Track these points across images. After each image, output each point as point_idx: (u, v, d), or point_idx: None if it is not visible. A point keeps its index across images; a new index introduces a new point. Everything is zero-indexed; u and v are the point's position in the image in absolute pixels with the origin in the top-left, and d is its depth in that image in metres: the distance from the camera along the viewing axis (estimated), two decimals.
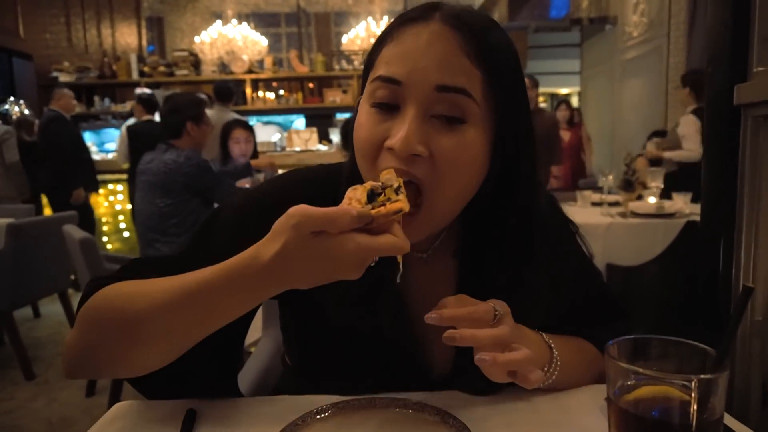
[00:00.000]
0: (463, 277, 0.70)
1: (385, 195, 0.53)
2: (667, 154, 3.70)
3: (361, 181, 0.65)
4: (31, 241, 2.82)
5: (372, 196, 0.53)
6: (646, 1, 5.58)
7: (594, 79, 7.30)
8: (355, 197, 0.53)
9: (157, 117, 4.53)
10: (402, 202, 0.52)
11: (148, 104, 4.64)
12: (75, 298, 3.29)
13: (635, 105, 6.05)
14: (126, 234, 5.05)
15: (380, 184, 0.55)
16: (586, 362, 0.71)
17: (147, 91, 5.19)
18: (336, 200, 0.63)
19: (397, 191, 0.54)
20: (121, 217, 5.04)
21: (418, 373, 0.70)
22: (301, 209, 0.48)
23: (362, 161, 0.62)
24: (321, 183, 0.70)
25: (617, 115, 6.46)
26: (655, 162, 3.70)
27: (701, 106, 3.66)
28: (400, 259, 0.55)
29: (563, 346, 0.67)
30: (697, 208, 2.72)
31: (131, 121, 4.89)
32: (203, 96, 5.05)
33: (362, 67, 0.67)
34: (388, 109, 0.59)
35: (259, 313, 1.22)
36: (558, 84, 10.05)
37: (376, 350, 0.69)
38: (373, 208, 0.51)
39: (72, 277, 3.36)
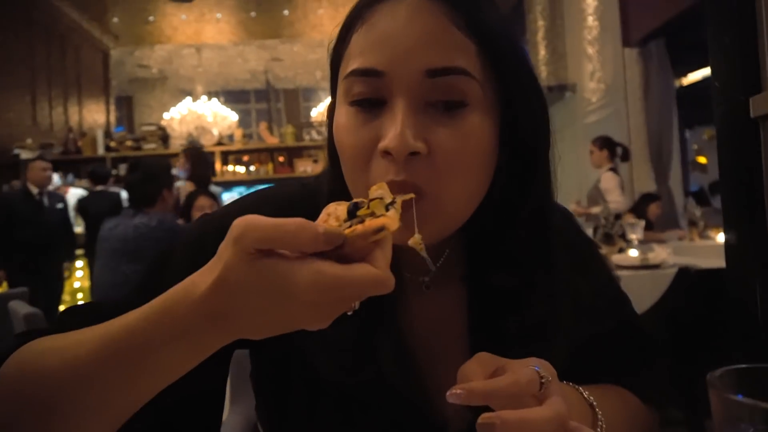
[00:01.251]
0: (475, 306, 0.57)
1: (368, 209, 0.40)
2: (594, 210, 3.90)
3: (346, 198, 0.54)
4: None
5: (355, 211, 0.40)
6: (602, 68, 5.88)
7: (559, 144, 7.50)
8: (335, 213, 0.41)
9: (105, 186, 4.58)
10: (389, 219, 0.39)
11: (99, 176, 4.67)
12: None
13: None
14: None
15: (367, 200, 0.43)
16: (631, 419, 0.58)
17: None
18: None
19: (387, 207, 0.41)
20: (80, 296, 4.74)
21: (428, 430, 0.55)
22: (245, 219, 0.36)
23: (351, 171, 0.50)
24: (298, 202, 0.57)
25: (584, 177, 6.61)
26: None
27: (614, 167, 4.34)
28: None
29: (605, 402, 0.54)
30: (679, 259, 2.68)
31: (80, 192, 4.80)
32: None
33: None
34: (372, 105, 0.49)
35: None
36: None
37: (373, 405, 0.54)
38: (351, 226, 0.38)
39: None
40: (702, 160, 7.78)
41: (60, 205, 4.35)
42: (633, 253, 2.70)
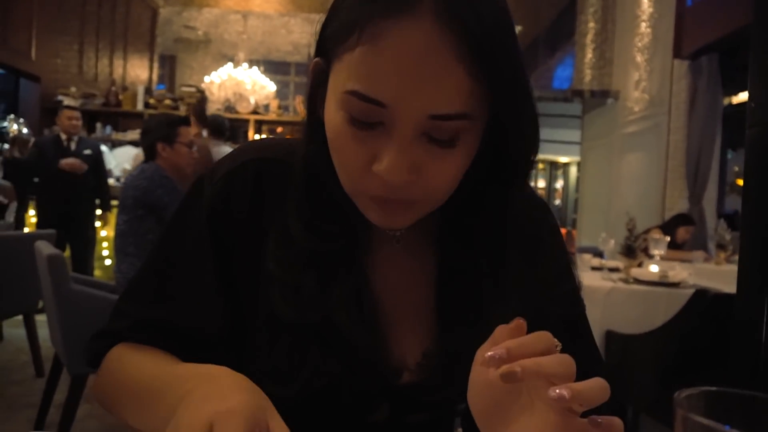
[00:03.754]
0: (445, 267, 0.60)
1: None
2: None
3: (328, 176, 0.55)
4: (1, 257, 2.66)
5: None
6: (648, 78, 5.72)
7: (594, 150, 7.39)
8: None
9: None
10: None
11: None
12: (41, 322, 3.08)
13: (633, 179, 6.07)
14: (107, 262, 4.88)
15: None
16: None
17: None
18: (286, 183, 0.58)
19: None
20: (105, 244, 4.88)
21: (378, 378, 0.57)
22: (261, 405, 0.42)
23: (346, 180, 0.53)
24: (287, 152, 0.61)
25: (615, 187, 6.48)
26: None
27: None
28: None
29: None
30: (700, 280, 2.62)
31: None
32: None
33: None
34: (370, 125, 0.48)
35: None
36: (559, 153, 10.19)
37: (328, 349, 0.56)
38: None
39: (39, 304, 3.14)
40: (742, 183, 7.55)
41: (87, 152, 4.29)
42: (653, 268, 2.66)
